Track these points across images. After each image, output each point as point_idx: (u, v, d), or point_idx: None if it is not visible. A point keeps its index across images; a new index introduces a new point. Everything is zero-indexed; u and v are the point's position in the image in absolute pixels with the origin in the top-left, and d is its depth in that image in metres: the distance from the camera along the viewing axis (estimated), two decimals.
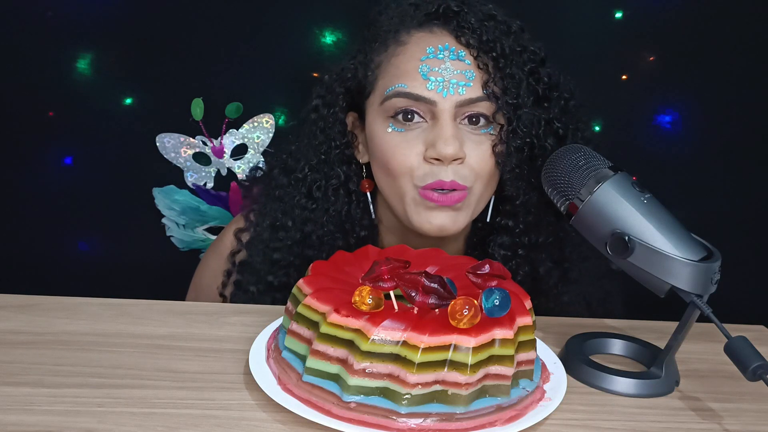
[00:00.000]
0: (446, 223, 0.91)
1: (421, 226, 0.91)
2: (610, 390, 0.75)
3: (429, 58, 0.90)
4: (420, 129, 0.90)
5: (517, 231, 0.96)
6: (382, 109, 0.92)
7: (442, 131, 0.88)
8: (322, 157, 0.99)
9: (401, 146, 0.90)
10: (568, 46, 1.27)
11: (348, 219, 0.99)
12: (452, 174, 0.89)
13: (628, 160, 0.88)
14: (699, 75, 1.30)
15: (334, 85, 0.99)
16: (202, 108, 1.27)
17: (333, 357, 0.64)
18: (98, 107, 1.29)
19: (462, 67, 0.89)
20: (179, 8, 1.26)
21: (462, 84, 0.89)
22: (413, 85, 0.89)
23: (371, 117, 0.94)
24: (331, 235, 0.99)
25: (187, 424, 0.64)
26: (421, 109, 0.89)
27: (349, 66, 0.98)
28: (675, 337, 0.76)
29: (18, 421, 0.63)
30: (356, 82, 0.96)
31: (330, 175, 0.99)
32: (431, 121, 0.90)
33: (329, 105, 0.99)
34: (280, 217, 1.00)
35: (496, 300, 0.65)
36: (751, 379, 0.68)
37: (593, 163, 0.78)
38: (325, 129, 0.99)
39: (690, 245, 0.73)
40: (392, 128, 0.91)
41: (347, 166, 1.00)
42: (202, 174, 1.33)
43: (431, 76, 0.88)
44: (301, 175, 1.00)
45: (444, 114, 0.88)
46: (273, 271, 1.00)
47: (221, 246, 1.08)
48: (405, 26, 0.94)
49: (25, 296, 0.86)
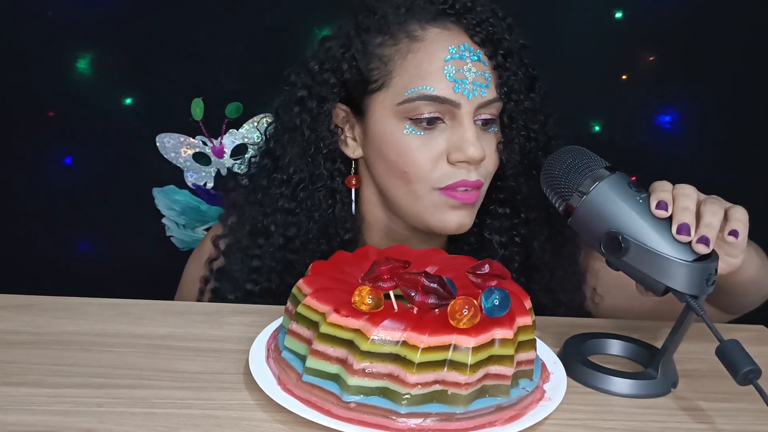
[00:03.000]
0: (465, 220, 0.91)
1: (442, 226, 0.90)
2: (606, 390, 0.75)
3: (453, 58, 0.88)
4: (439, 130, 0.88)
5: (513, 217, 0.97)
6: (400, 110, 0.88)
7: (467, 134, 0.87)
8: (309, 158, 0.93)
9: (421, 149, 0.88)
10: (568, 46, 1.28)
11: (332, 222, 0.95)
12: (476, 174, 0.89)
13: (628, 160, 0.88)
14: (699, 75, 1.30)
15: (325, 75, 0.93)
16: (202, 108, 1.28)
17: (333, 357, 0.64)
18: (98, 107, 1.29)
19: (481, 68, 0.89)
20: (179, 8, 1.26)
21: (483, 86, 0.88)
22: (439, 87, 0.87)
23: (380, 115, 0.90)
24: (316, 241, 0.95)
25: (187, 424, 0.64)
26: (442, 111, 0.88)
27: (344, 55, 0.92)
28: (671, 338, 0.76)
29: (18, 421, 0.63)
30: (356, 74, 0.91)
31: (316, 175, 0.94)
32: (450, 121, 0.88)
33: (319, 98, 0.93)
34: (261, 220, 0.96)
35: (496, 300, 0.65)
36: (741, 384, 0.68)
37: (590, 163, 0.78)
38: (312, 125, 0.93)
39: (686, 245, 0.73)
40: (411, 130, 0.88)
41: (332, 163, 0.95)
42: (202, 174, 1.33)
43: (457, 78, 0.87)
44: (285, 176, 0.95)
45: (467, 116, 0.88)
46: (252, 278, 0.96)
47: (200, 252, 1.06)
48: (416, 19, 0.90)
49: (25, 296, 0.86)
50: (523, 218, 0.98)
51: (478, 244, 0.99)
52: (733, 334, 0.72)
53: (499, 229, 0.98)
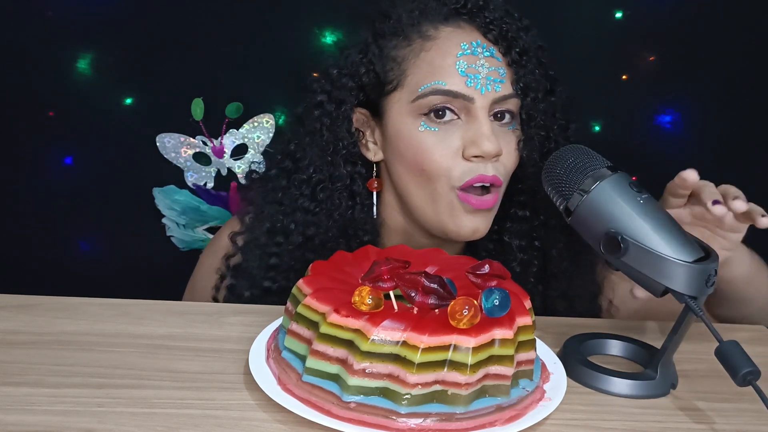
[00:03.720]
0: (481, 226, 0.91)
1: (457, 230, 0.91)
2: (605, 390, 0.75)
3: (465, 54, 0.88)
4: (454, 127, 0.89)
5: (533, 220, 0.97)
6: (414, 107, 0.89)
7: (482, 128, 0.88)
8: (329, 158, 0.95)
9: (438, 146, 0.89)
10: (568, 46, 1.28)
11: (351, 223, 0.97)
12: (493, 169, 0.89)
13: (628, 160, 0.88)
14: (699, 75, 1.30)
15: (343, 80, 0.95)
16: (202, 108, 1.28)
17: (333, 357, 0.64)
18: (98, 107, 1.29)
19: (495, 64, 0.90)
20: (179, 8, 1.26)
21: (498, 81, 0.89)
22: (452, 82, 0.88)
23: (396, 114, 0.92)
24: (335, 240, 0.96)
25: (187, 424, 0.64)
26: (456, 106, 0.89)
27: (362, 60, 0.94)
28: (670, 339, 0.76)
29: (18, 421, 0.63)
30: (372, 77, 0.93)
31: (335, 176, 0.96)
32: (465, 117, 0.89)
33: (337, 101, 0.95)
34: (281, 219, 0.97)
35: (496, 300, 0.65)
36: (740, 385, 0.68)
37: (591, 163, 0.78)
38: (331, 127, 0.95)
39: (686, 246, 0.73)
40: (425, 127, 0.89)
41: (352, 165, 0.97)
42: (202, 174, 1.33)
43: (469, 73, 0.88)
44: (305, 176, 0.96)
45: (481, 111, 0.88)
46: (270, 276, 0.97)
47: (216, 245, 1.05)
48: (429, 20, 0.91)
49: (25, 296, 0.85)
50: (543, 221, 0.98)
51: (497, 251, 0.99)
52: (732, 334, 0.72)
53: (518, 232, 0.98)
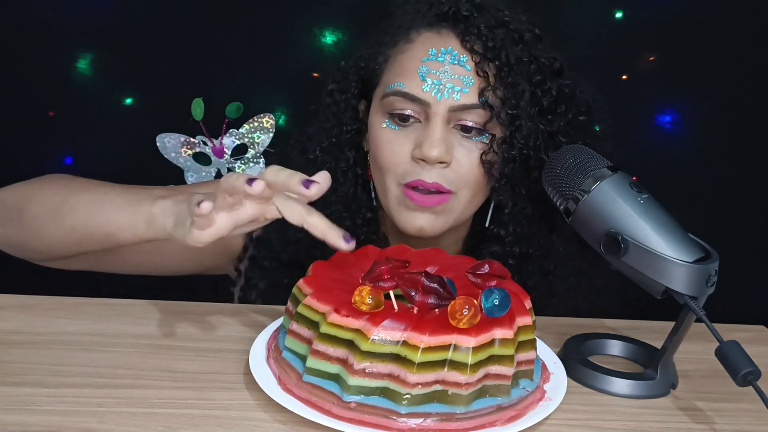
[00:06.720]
0: (425, 224, 0.92)
1: (401, 225, 0.93)
2: (605, 390, 0.75)
3: (429, 59, 0.90)
4: (413, 128, 0.91)
5: (508, 240, 0.96)
6: (382, 105, 0.93)
7: (431, 133, 0.89)
8: (333, 140, 1.00)
9: (392, 143, 0.92)
10: (568, 46, 1.27)
11: (354, 200, 1.01)
12: (436, 176, 0.89)
13: (628, 160, 0.88)
14: (699, 75, 1.30)
15: (349, 72, 1.01)
16: (202, 108, 1.27)
17: (333, 357, 0.64)
18: (98, 107, 1.29)
19: (461, 72, 0.90)
20: (179, 8, 1.26)
21: (458, 89, 0.89)
22: (411, 85, 0.90)
23: (373, 109, 0.96)
24: (339, 215, 0.99)
25: (187, 424, 0.64)
26: (415, 109, 0.91)
27: (364, 55, 0.99)
28: (670, 339, 0.76)
29: (18, 421, 0.63)
30: (368, 72, 0.98)
31: (339, 157, 1.00)
32: (425, 122, 0.91)
33: (342, 91, 1.01)
34: None
35: (496, 300, 0.65)
36: (741, 385, 0.68)
37: (592, 162, 0.78)
38: (337, 114, 1.01)
39: (686, 246, 0.73)
40: (387, 124, 0.92)
41: (355, 151, 1.01)
42: (202, 174, 1.33)
43: (428, 78, 0.89)
44: (312, 157, 1.01)
45: (436, 117, 0.89)
46: (285, 248, 1.01)
47: None
48: (416, 24, 0.95)
49: (25, 296, 0.86)
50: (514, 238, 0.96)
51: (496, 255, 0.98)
52: (732, 334, 0.72)
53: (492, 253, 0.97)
